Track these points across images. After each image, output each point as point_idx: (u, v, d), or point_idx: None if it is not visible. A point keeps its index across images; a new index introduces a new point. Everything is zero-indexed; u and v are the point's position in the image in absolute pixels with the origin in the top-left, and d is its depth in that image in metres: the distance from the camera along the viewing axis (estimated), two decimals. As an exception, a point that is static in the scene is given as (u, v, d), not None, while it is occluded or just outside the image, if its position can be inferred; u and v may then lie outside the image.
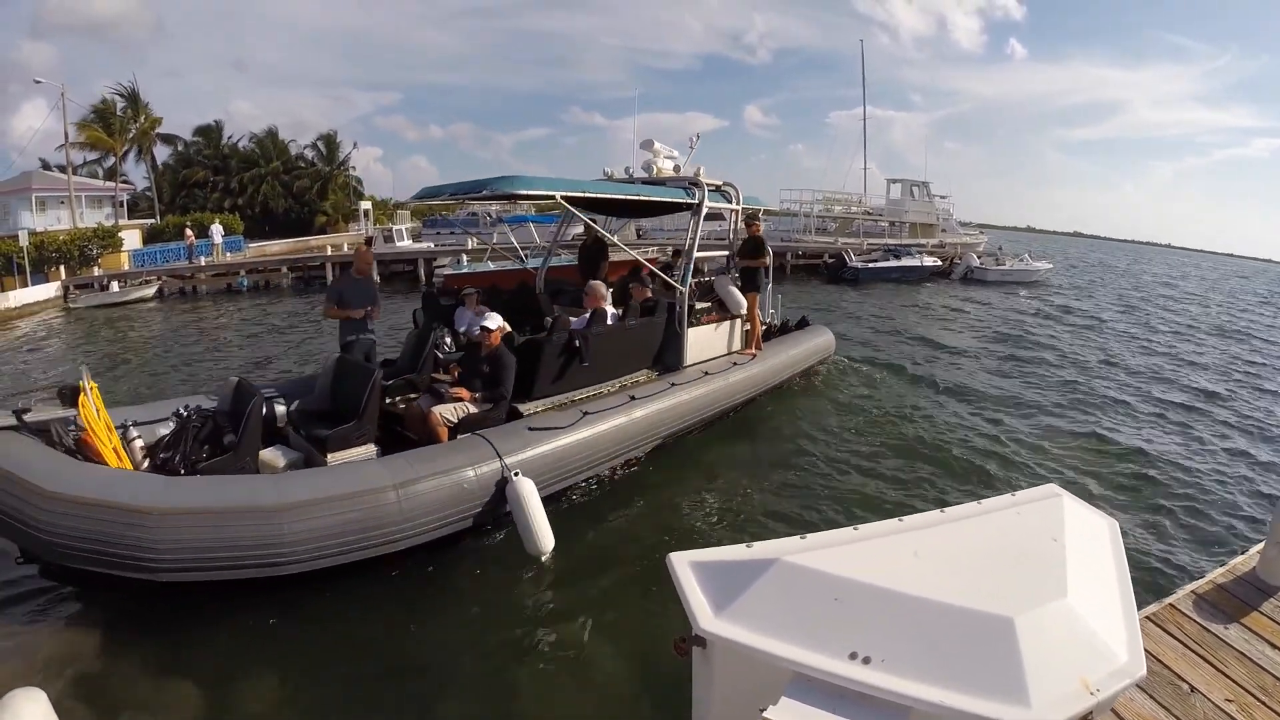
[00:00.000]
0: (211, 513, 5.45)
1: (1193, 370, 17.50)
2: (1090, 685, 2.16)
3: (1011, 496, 3.16)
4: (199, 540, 5.34)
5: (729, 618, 2.45)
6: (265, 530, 5.51)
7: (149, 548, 5.21)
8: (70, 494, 5.26)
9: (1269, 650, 4.19)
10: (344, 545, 5.80)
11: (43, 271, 27.16)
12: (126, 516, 5.24)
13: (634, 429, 8.27)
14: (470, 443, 6.89)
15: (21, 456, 5.51)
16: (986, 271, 36.72)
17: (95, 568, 5.26)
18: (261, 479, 6.10)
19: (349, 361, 7.75)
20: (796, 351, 12.38)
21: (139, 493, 5.42)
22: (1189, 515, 8.24)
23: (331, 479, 6.05)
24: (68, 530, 5.16)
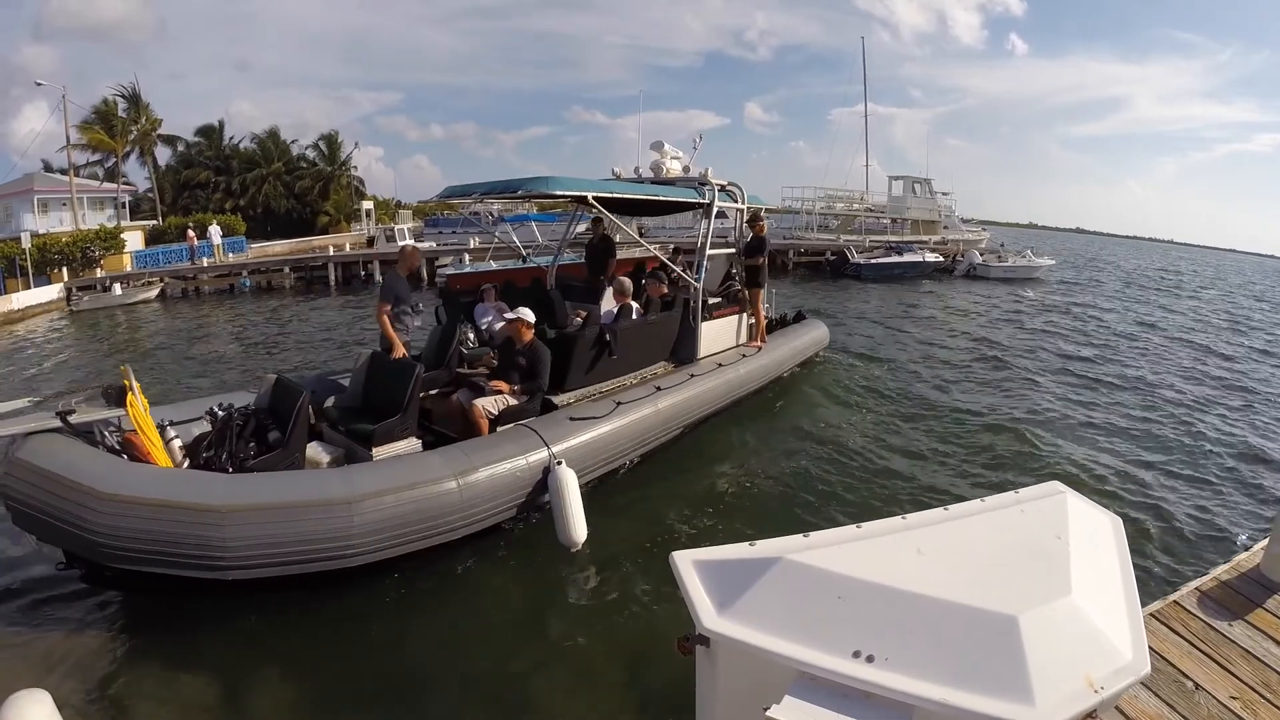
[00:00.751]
0: (283, 508, 5.52)
1: (1196, 367, 17.48)
2: (1094, 683, 2.15)
3: (1015, 494, 3.15)
4: (270, 536, 5.43)
5: (732, 616, 2.45)
6: (336, 523, 5.63)
7: (218, 546, 5.27)
8: (131, 495, 5.21)
9: (1274, 647, 4.18)
10: (409, 535, 5.99)
11: (45, 274, 27.16)
12: (195, 515, 5.27)
13: (660, 418, 8.63)
14: (518, 433, 7.15)
15: (72, 459, 5.41)
16: (989, 268, 36.69)
17: (158, 569, 5.26)
18: (329, 472, 6.22)
19: (383, 358, 7.78)
20: (796, 344, 12.90)
21: (207, 491, 5.45)
22: (1193, 512, 8.23)
23: (397, 471, 6.20)
24: (129, 532, 5.13)
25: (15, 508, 5.21)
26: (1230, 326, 26.08)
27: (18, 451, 5.32)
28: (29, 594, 5.99)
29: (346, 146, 60.84)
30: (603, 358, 8.70)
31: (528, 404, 7.66)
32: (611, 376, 8.96)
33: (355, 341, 18.55)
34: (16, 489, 5.18)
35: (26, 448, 5.36)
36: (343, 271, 32.00)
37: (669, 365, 10.05)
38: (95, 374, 15.17)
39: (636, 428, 8.20)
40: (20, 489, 5.18)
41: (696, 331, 10.31)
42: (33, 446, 5.38)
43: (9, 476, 5.22)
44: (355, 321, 21.99)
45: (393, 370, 7.37)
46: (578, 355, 8.36)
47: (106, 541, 5.11)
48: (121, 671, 5.11)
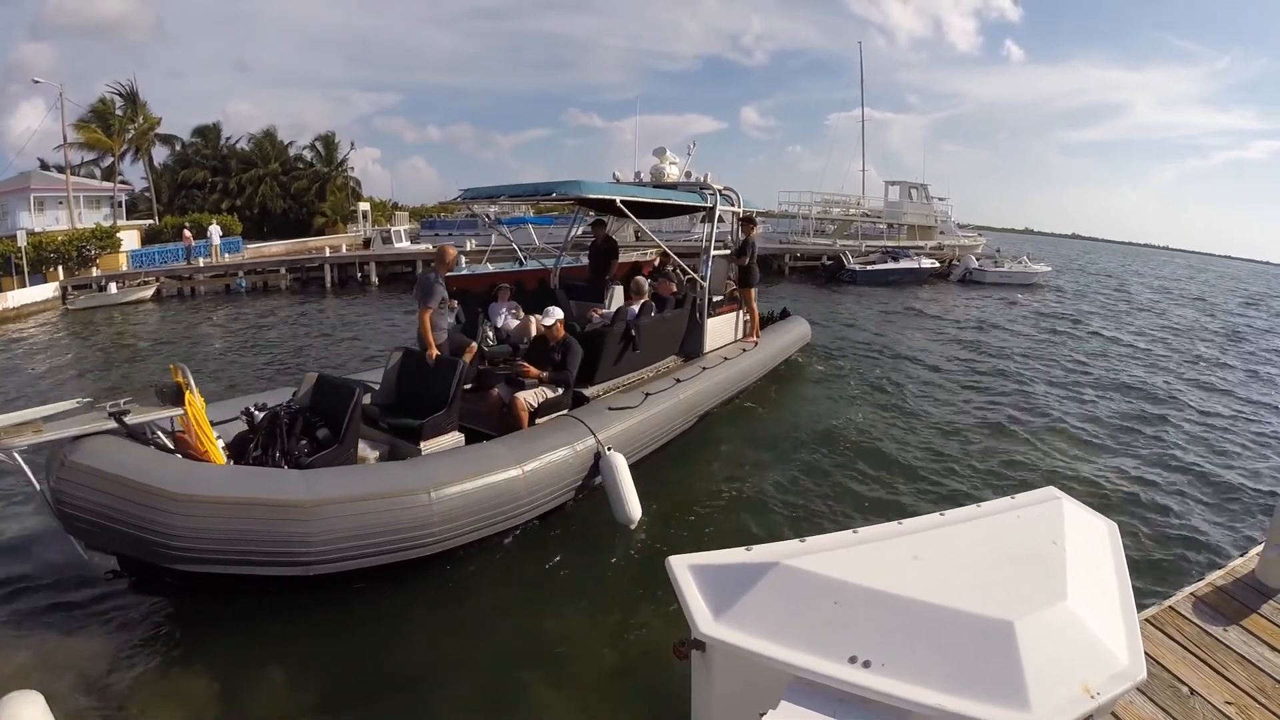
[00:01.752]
0: (365, 500, 5.65)
1: (1190, 372, 17.51)
2: (1090, 689, 2.15)
3: (1011, 499, 3.15)
4: (353, 528, 5.55)
5: (728, 621, 2.45)
6: (416, 513, 5.82)
7: (302, 540, 5.36)
8: (210, 494, 5.22)
9: (1269, 653, 4.19)
10: (481, 522, 6.28)
11: (41, 272, 27.07)
12: (279, 511, 5.33)
13: (681, 408, 9.18)
14: (566, 423, 7.59)
15: (137, 461, 5.31)
16: (985, 273, 36.70)
17: (237, 569, 5.30)
18: (404, 465, 6.36)
19: (417, 355, 7.85)
20: (784, 340, 13.73)
21: (289, 486, 5.52)
22: (1188, 517, 8.25)
23: (468, 461, 6.48)
24: (207, 533, 5.13)
25: (71, 513, 5.05)
26: (1226, 334, 26.11)
27: (72, 455, 5.13)
28: (26, 596, 5.96)
29: (343, 147, 60.87)
30: (626, 352, 9.20)
31: (561, 396, 8.04)
32: (632, 370, 9.43)
33: (351, 338, 18.59)
34: (74, 494, 5.03)
35: (82, 450, 5.18)
36: (339, 273, 31.88)
37: (678, 360, 10.60)
38: (121, 374, 15.18)
39: (663, 417, 8.71)
40: (78, 494, 5.03)
41: (703, 328, 10.90)
42: (89, 449, 5.22)
43: (65, 481, 5.05)
44: (352, 322, 21.99)
45: (434, 367, 7.51)
46: (606, 350, 8.81)
47: (183, 544, 5.09)
48: (116, 674, 5.08)
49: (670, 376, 9.58)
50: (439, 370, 7.39)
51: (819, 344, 17.02)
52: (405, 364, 7.89)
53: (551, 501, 6.99)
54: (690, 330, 10.85)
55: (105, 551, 5.31)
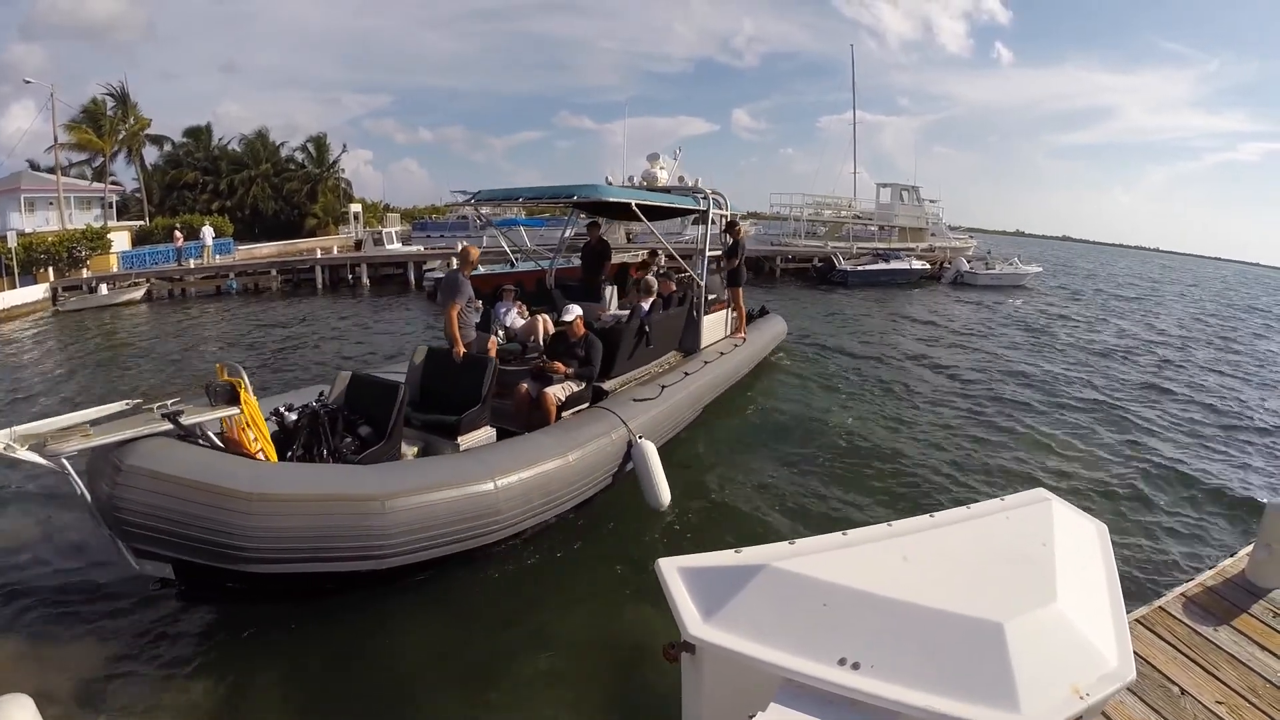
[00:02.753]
0: (437, 490, 5.75)
1: (1181, 374, 17.55)
2: (1080, 690, 2.15)
3: (1001, 501, 3.16)
4: (427, 520, 5.63)
5: (718, 623, 2.44)
6: (485, 502, 5.98)
7: (380, 534, 5.39)
8: (285, 493, 5.20)
9: (1259, 652, 4.20)
10: (537, 509, 6.49)
11: (31, 273, 26.95)
12: (356, 507, 5.36)
13: (692, 399, 9.62)
14: (598, 414, 7.84)
15: (202, 462, 5.23)
16: (976, 275, 36.69)
17: (313, 567, 5.29)
18: (469, 457, 6.54)
19: (442, 354, 7.96)
20: (766, 336, 14.20)
21: (363, 482, 5.57)
22: (1178, 518, 8.27)
23: (524, 452, 6.66)
24: (283, 532, 5.11)
25: (130, 519, 4.88)
26: (1217, 336, 26.20)
27: (130, 459, 4.97)
28: (11, 601, 5.94)
29: (335, 149, 60.64)
30: (639, 347, 9.52)
31: (584, 390, 8.28)
32: (641, 365, 9.72)
33: (338, 337, 18.50)
34: (134, 499, 4.87)
35: (140, 454, 5.03)
36: (330, 275, 31.76)
37: (678, 355, 10.90)
38: (115, 376, 15.09)
39: (678, 407, 9.09)
40: (140, 499, 4.87)
41: (700, 324, 11.28)
42: (148, 452, 5.08)
43: (124, 486, 4.87)
44: (351, 324, 21.94)
45: (464, 364, 7.65)
46: (623, 345, 9.08)
47: (257, 545, 5.03)
48: (105, 679, 5.05)
49: (679, 370, 9.94)
50: (470, 367, 7.53)
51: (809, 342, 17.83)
52: (431, 361, 7.99)
53: (592, 489, 7.24)
54: (688, 327, 11.16)
55: (162, 559, 5.13)
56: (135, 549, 5.06)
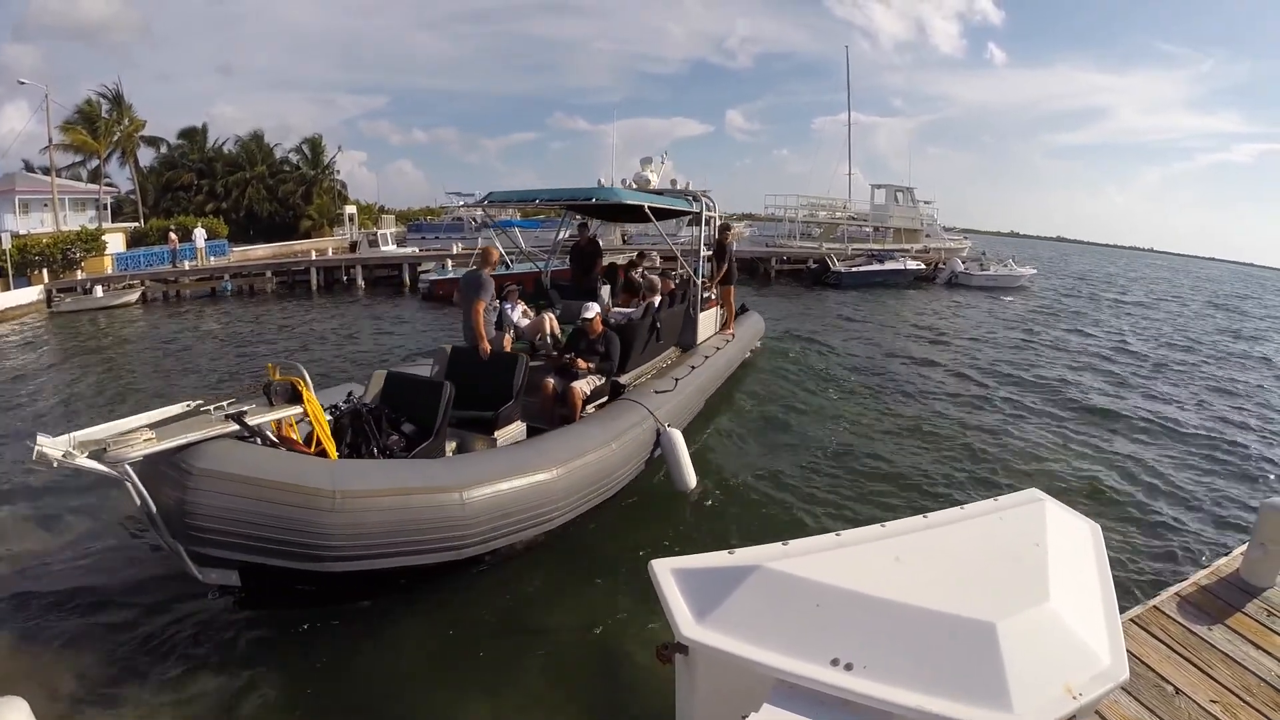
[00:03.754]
0: (508, 479, 5.99)
1: (1176, 374, 17.58)
2: (1073, 689, 2.15)
3: (994, 501, 3.16)
4: (501, 508, 5.86)
5: (711, 625, 2.44)
6: (547, 490, 6.25)
7: (460, 525, 5.58)
8: (368, 489, 5.26)
9: (1253, 651, 4.21)
10: (590, 495, 6.82)
11: (25, 275, 26.89)
12: (437, 499, 5.50)
13: (701, 391, 10.08)
14: (628, 406, 8.13)
15: (278, 462, 5.20)
16: (970, 276, 36.70)
17: (395, 561, 5.39)
18: (529, 448, 6.74)
19: (467, 352, 8.08)
20: (749, 332, 14.53)
21: (441, 476, 5.74)
22: (1172, 518, 8.28)
23: (573, 442, 6.93)
24: (367, 528, 5.16)
25: (203, 524, 4.78)
26: (1210, 337, 26.25)
27: (200, 462, 4.84)
28: (22, 601, 5.95)
29: (330, 150, 60.54)
30: (650, 343, 9.79)
31: (604, 384, 8.55)
32: (650, 360, 9.96)
33: (342, 337, 18.48)
34: (209, 503, 4.77)
35: (210, 456, 4.91)
36: (325, 276, 31.68)
37: (677, 350, 11.15)
38: (116, 377, 15.06)
39: (691, 398, 9.53)
40: (214, 502, 4.78)
41: (697, 321, 11.58)
42: (218, 454, 4.97)
43: (196, 490, 4.74)
44: (346, 326, 21.90)
45: (493, 361, 7.80)
46: (638, 341, 9.35)
47: (341, 543, 5.08)
48: (100, 683, 5.04)
49: (685, 364, 10.24)
50: (499, 363, 7.68)
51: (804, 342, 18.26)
52: (457, 360, 8.04)
53: (630, 475, 7.56)
54: (686, 324, 11.41)
55: (229, 565, 5.07)
56: (202, 556, 4.95)
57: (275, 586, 5.35)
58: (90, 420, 10.56)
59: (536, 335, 9.71)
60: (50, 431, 4.67)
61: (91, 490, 7.91)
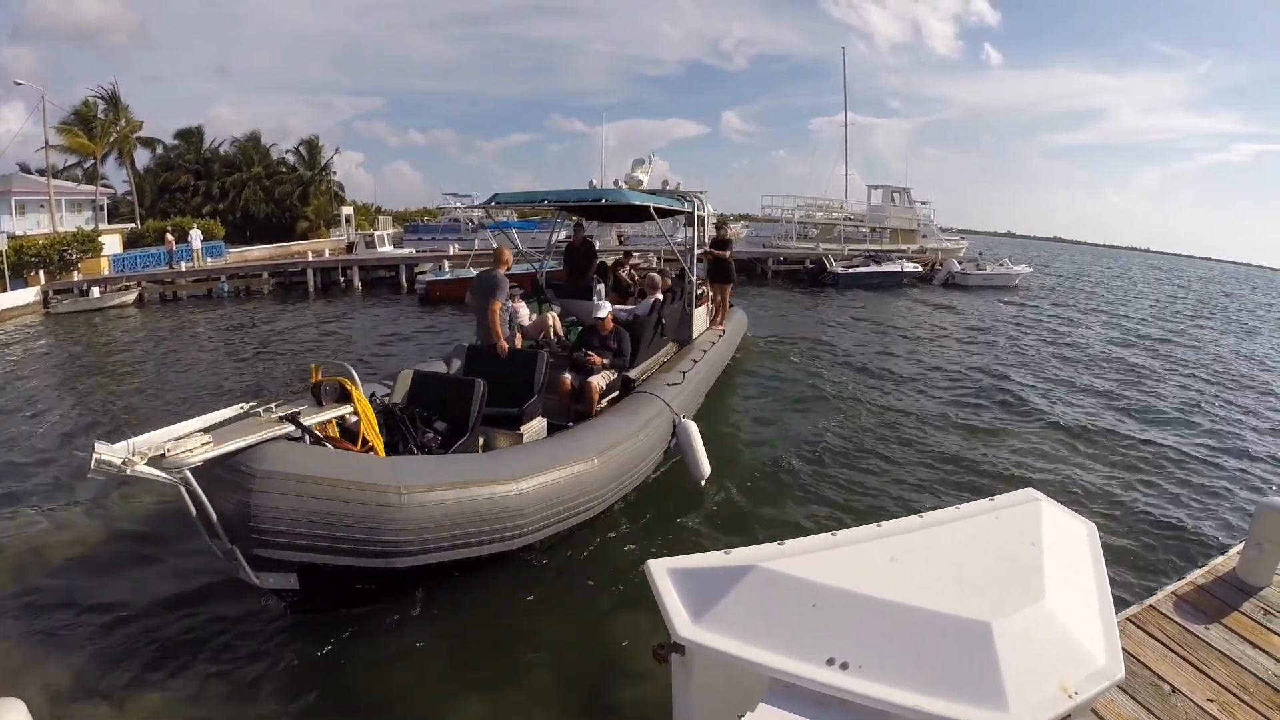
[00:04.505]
0: (555, 472, 6.22)
1: (1171, 374, 17.60)
2: (1069, 688, 2.16)
3: (990, 501, 3.16)
4: (550, 498, 6.09)
5: (707, 624, 2.44)
6: (589, 479, 6.50)
7: (517, 516, 5.80)
8: (432, 483, 5.40)
9: (1250, 650, 4.21)
10: (626, 481, 7.18)
11: (22, 276, 26.87)
12: (495, 491, 5.68)
13: (705, 382, 10.50)
14: (646, 398, 8.34)
15: (343, 462, 5.29)
16: (967, 276, 36.68)
17: (457, 554, 5.56)
18: (567, 441, 6.91)
19: (483, 350, 8.20)
20: (736, 326, 14.84)
21: (497, 469, 5.92)
22: (1169, 517, 8.28)
23: (608, 432, 7.19)
24: (432, 523, 5.30)
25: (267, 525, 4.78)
26: (1203, 336, 26.29)
27: (264, 464, 4.85)
28: (21, 603, 5.95)
29: (327, 151, 60.48)
30: (655, 339, 10.09)
31: (616, 379, 8.76)
32: (653, 354, 10.16)
33: (341, 340, 18.45)
34: (273, 505, 4.78)
35: (274, 458, 4.92)
36: (321, 278, 31.62)
37: (674, 345, 11.33)
38: (118, 379, 15.05)
39: (697, 391, 9.89)
40: (279, 503, 4.80)
41: (692, 317, 11.77)
42: (281, 456, 4.99)
43: (261, 493, 4.74)
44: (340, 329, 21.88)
45: (512, 358, 7.96)
46: (645, 337, 9.61)
47: (408, 539, 5.20)
48: (97, 684, 5.03)
49: (688, 359, 10.42)
50: (519, 360, 7.83)
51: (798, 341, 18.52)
52: (474, 359, 8.17)
53: (654, 464, 7.89)
54: (682, 319, 11.57)
55: (288, 568, 5.08)
56: (262, 559, 4.93)
57: (333, 587, 5.49)
58: (101, 424, 10.66)
59: (539, 334, 9.87)
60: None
61: (91, 489, 7.95)
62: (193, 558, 6.64)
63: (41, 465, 9.37)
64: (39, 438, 10.61)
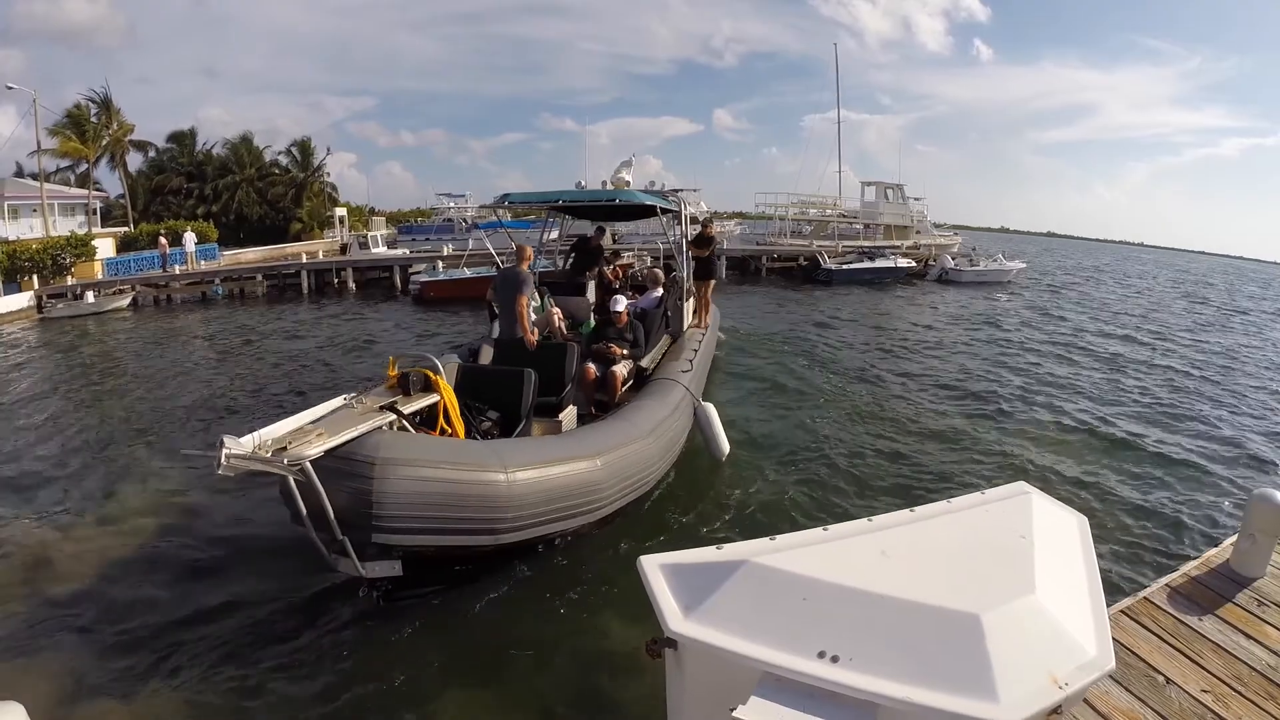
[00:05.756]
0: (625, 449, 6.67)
1: (1165, 366, 17.64)
2: (1058, 679, 2.16)
3: (981, 495, 3.17)
4: (623, 474, 6.55)
5: (698, 619, 2.45)
6: (649, 455, 7.04)
7: (598, 489, 6.22)
8: (531, 462, 5.75)
9: (1244, 640, 4.23)
10: (669, 459, 7.72)
11: (15, 280, 26.81)
12: (582, 469, 6.08)
13: (705, 371, 10.98)
14: (668, 385, 8.63)
15: (448, 447, 5.63)
16: (961, 272, 36.79)
17: (550, 528, 6.01)
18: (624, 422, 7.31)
19: (509, 344, 8.42)
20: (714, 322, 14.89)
21: (579, 447, 6.33)
22: (1162, 509, 8.30)
23: (651, 415, 7.57)
24: (530, 499, 5.64)
25: (387, 512, 4.99)
26: (1199, 326, 26.37)
27: (379, 452, 5.04)
28: (20, 604, 5.96)
29: (319, 152, 60.43)
30: (659, 330, 10.60)
31: (633, 368, 9.20)
32: (655, 345, 10.42)
33: (363, 344, 18.42)
34: (394, 491, 5.00)
35: (388, 446, 5.13)
36: (315, 279, 31.61)
37: (668, 337, 11.53)
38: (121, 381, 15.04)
39: (701, 377, 10.37)
40: (400, 489, 5.02)
41: (683, 311, 12.06)
42: (394, 444, 5.22)
43: (383, 480, 4.95)
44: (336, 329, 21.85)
45: (542, 350, 8.22)
46: (655, 329, 10.26)
47: (514, 515, 5.54)
48: (95, 686, 5.05)
49: (688, 349, 10.68)
50: (549, 352, 8.10)
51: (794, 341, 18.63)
52: (501, 353, 8.45)
53: (685, 440, 8.37)
54: (675, 312, 11.83)
55: (397, 554, 5.34)
56: (370, 548, 5.19)
57: (434, 571, 5.87)
58: (104, 426, 10.67)
59: (545, 328, 9.99)
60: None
61: (89, 489, 7.99)
62: (190, 560, 6.69)
63: (43, 471, 9.37)
64: (39, 444, 10.61)
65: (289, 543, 6.61)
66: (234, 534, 7.36)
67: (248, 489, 8.03)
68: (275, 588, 6.21)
